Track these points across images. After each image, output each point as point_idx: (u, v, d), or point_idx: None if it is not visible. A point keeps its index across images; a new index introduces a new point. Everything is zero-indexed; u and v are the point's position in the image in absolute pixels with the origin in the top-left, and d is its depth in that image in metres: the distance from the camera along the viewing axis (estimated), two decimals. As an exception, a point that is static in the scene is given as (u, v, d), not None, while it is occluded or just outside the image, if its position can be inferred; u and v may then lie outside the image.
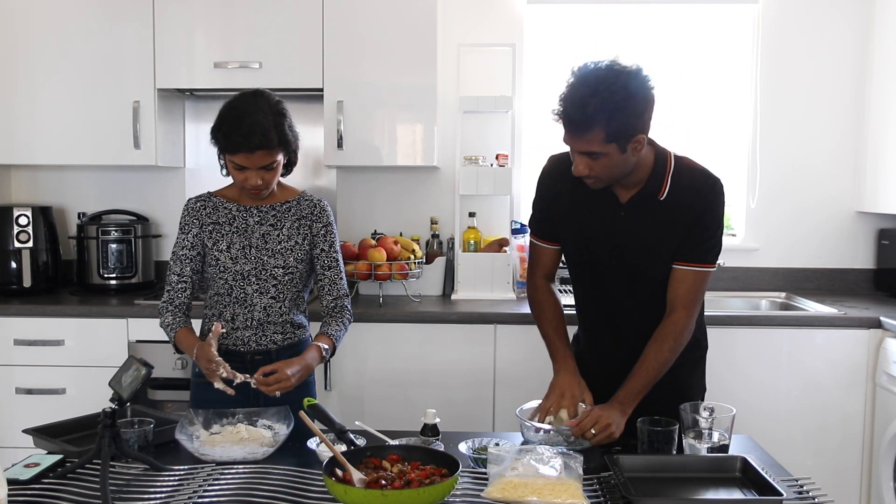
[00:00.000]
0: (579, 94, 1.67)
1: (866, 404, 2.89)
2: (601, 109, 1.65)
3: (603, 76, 1.67)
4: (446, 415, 2.10)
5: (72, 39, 3.13)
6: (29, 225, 3.21)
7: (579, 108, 1.66)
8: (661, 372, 1.83)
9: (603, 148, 1.69)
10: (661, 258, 1.85)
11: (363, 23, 3.08)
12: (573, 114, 1.68)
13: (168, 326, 2.06)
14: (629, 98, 1.67)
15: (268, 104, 1.97)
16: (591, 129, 1.67)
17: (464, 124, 3.31)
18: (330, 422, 1.74)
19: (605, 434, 1.71)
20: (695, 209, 1.81)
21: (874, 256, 3.50)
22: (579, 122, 1.68)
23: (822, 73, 3.44)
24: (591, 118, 1.66)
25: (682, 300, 1.84)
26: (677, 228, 1.82)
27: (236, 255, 2.05)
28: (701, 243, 1.83)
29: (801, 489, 1.56)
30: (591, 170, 1.75)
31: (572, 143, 1.74)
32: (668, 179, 1.82)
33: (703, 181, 1.84)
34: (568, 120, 1.70)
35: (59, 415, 1.97)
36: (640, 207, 1.84)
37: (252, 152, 1.93)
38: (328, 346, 2.05)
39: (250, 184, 1.98)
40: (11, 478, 1.56)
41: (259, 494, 1.52)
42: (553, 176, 1.97)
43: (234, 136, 1.92)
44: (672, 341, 1.83)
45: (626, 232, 1.85)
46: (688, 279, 1.84)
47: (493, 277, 3.21)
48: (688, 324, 1.85)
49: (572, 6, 3.48)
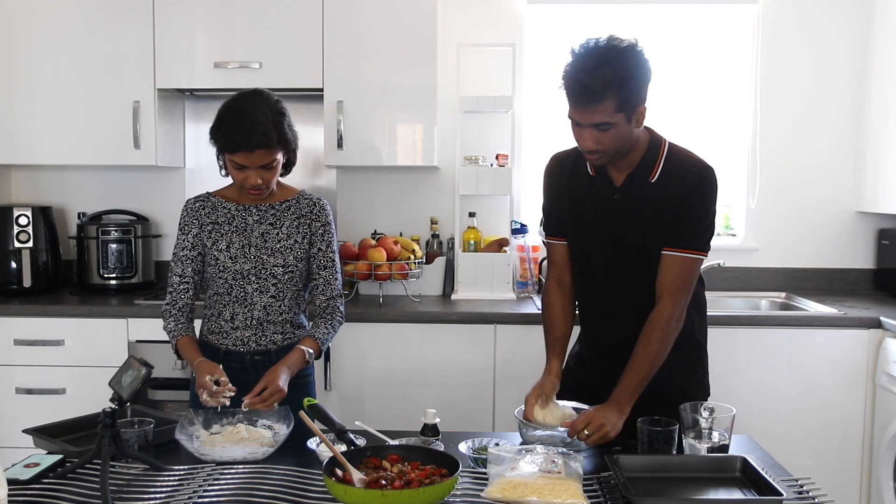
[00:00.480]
0: (591, 63, 1.68)
1: (866, 404, 2.89)
2: (613, 78, 1.67)
3: (610, 48, 1.69)
4: (446, 415, 2.10)
5: (72, 39, 3.13)
6: (29, 225, 3.21)
7: (592, 76, 1.67)
8: (654, 365, 1.81)
9: (612, 118, 1.71)
10: (653, 246, 1.85)
11: (363, 23, 3.08)
12: (587, 82, 1.68)
13: (171, 333, 2.07)
14: (637, 67, 1.71)
15: (267, 103, 1.97)
16: (604, 98, 1.68)
17: (464, 124, 3.31)
18: (330, 422, 1.74)
19: (599, 434, 1.71)
20: (681, 192, 1.81)
21: (874, 256, 3.50)
22: (592, 91, 1.68)
23: (822, 72, 3.44)
24: (605, 87, 1.67)
25: (669, 288, 1.83)
26: (666, 212, 1.82)
27: (236, 254, 2.05)
28: (688, 228, 1.83)
29: (801, 489, 1.56)
30: (598, 143, 1.75)
31: (582, 116, 1.74)
32: (661, 162, 1.84)
33: (691, 165, 1.85)
34: (581, 89, 1.69)
35: (59, 415, 1.97)
36: (634, 190, 1.85)
37: (252, 151, 1.93)
38: (312, 350, 2.04)
39: (250, 183, 1.98)
40: (11, 478, 1.56)
41: (259, 494, 1.52)
42: (555, 171, 2.00)
43: (234, 136, 1.92)
44: (660, 332, 1.81)
45: (620, 217, 1.86)
46: (675, 265, 1.83)
47: (493, 277, 3.21)
48: (674, 313, 1.83)
49: (572, 6, 3.49)
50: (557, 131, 3.41)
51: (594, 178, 1.89)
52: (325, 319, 2.11)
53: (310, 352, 2.03)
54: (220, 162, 2.05)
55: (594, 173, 1.89)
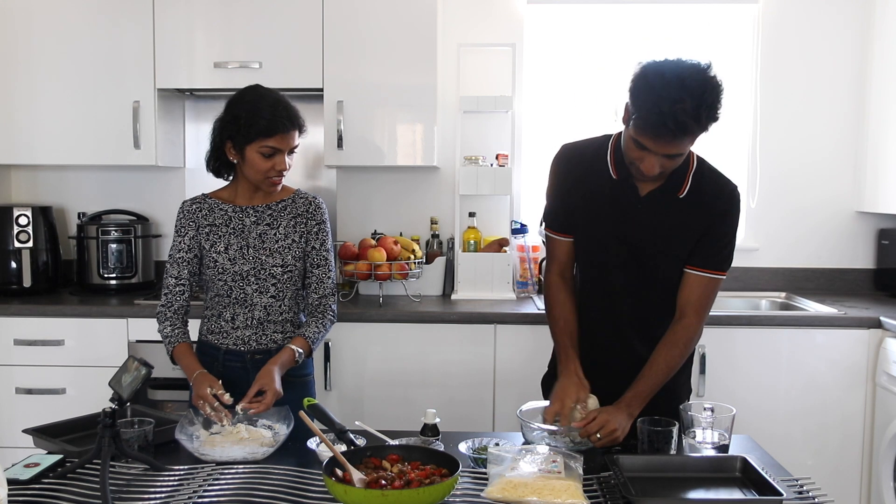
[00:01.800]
0: (686, 101, 1.58)
1: (866, 404, 2.89)
2: (709, 118, 1.62)
3: (700, 80, 1.61)
4: (446, 415, 2.10)
5: (72, 39, 3.13)
6: (29, 225, 3.21)
7: (692, 118, 1.59)
8: (668, 376, 1.84)
9: (687, 149, 1.70)
10: (670, 257, 1.84)
11: (363, 23, 3.08)
12: (683, 120, 1.59)
13: (167, 338, 2.05)
14: (718, 98, 1.63)
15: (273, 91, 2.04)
16: (694, 135, 1.64)
17: (464, 124, 3.31)
18: (330, 422, 1.74)
19: (609, 438, 1.71)
20: (713, 213, 1.82)
21: (874, 256, 3.50)
22: (685, 129, 1.61)
23: (821, 72, 3.44)
24: (700, 127, 1.62)
25: (695, 306, 1.85)
26: (692, 229, 1.82)
27: (234, 255, 2.05)
28: (718, 250, 1.84)
29: (801, 489, 1.56)
30: (663, 168, 1.73)
31: (658, 147, 1.66)
32: (690, 178, 1.82)
33: (723, 186, 1.85)
34: (675, 125, 1.60)
35: (59, 415, 1.97)
36: (659, 202, 1.83)
37: (288, 132, 1.99)
38: (302, 350, 2.03)
39: (279, 168, 2.00)
40: (11, 478, 1.56)
41: (259, 494, 1.52)
42: (569, 166, 1.93)
43: (269, 119, 1.96)
44: (683, 346, 1.84)
45: (640, 225, 1.84)
46: (701, 285, 1.84)
47: (493, 277, 3.21)
48: (698, 330, 1.86)
49: (572, 6, 3.48)
50: (557, 131, 3.42)
51: (616, 180, 1.84)
52: (316, 319, 2.10)
53: (300, 351, 2.02)
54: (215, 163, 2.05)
55: (616, 176, 1.84)
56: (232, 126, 1.98)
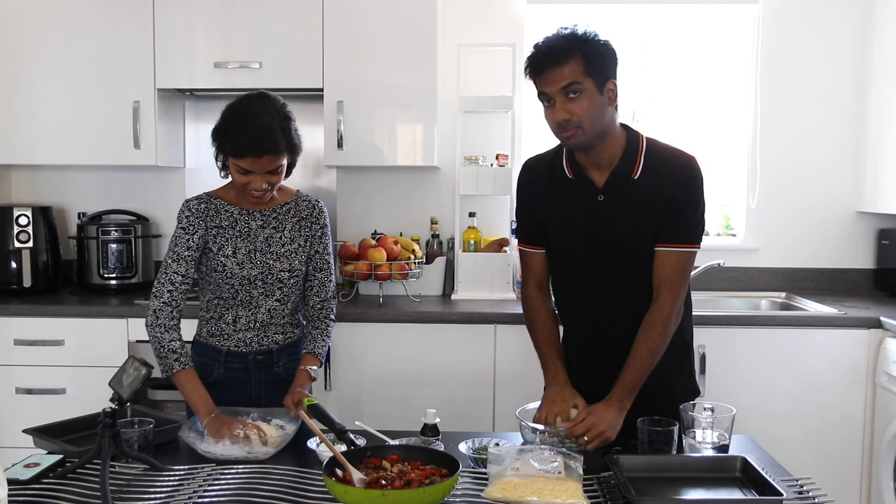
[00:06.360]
0: (554, 34, 1.78)
1: (866, 404, 2.89)
2: (577, 37, 1.75)
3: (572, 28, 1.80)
4: (446, 415, 2.10)
5: (72, 39, 3.13)
6: (29, 225, 3.21)
7: (558, 38, 1.75)
8: (654, 360, 1.80)
9: (581, 79, 1.73)
10: (640, 244, 1.83)
11: (363, 23, 3.08)
12: (553, 43, 1.74)
13: (173, 353, 1.93)
14: (599, 37, 1.79)
15: (274, 108, 1.93)
16: (570, 57, 1.73)
17: (464, 124, 3.31)
18: (330, 422, 1.74)
19: (599, 440, 1.71)
20: (670, 187, 1.80)
21: (874, 256, 3.50)
22: (559, 50, 1.73)
23: (822, 72, 3.44)
24: (570, 45, 1.74)
25: (667, 283, 1.82)
26: (654, 209, 1.81)
27: (242, 260, 2.01)
28: (682, 222, 1.82)
29: (801, 489, 1.56)
30: (571, 113, 1.74)
31: (550, 82, 1.75)
32: (641, 159, 1.82)
33: (675, 159, 1.84)
34: (547, 50, 1.74)
35: (59, 415, 1.97)
36: (617, 189, 1.82)
37: (260, 157, 1.89)
38: (316, 367, 2.04)
39: (254, 187, 1.94)
40: (11, 478, 1.56)
41: (259, 494, 1.52)
42: (531, 177, 1.97)
43: (242, 141, 1.88)
44: (661, 327, 1.81)
45: (605, 217, 1.83)
46: (671, 260, 1.82)
47: (493, 277, 3.21)
48: (674, 307, 1.82)
49: (572, 6, 3.49)
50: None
51: (574, 180, 1.86)
52: (319, 330, 2.09)
53: (314, 369, 2.03)
54: (219, 163, 2.01)
55: (573, 176, 1.86)
56: (219, 133, 1.95)
